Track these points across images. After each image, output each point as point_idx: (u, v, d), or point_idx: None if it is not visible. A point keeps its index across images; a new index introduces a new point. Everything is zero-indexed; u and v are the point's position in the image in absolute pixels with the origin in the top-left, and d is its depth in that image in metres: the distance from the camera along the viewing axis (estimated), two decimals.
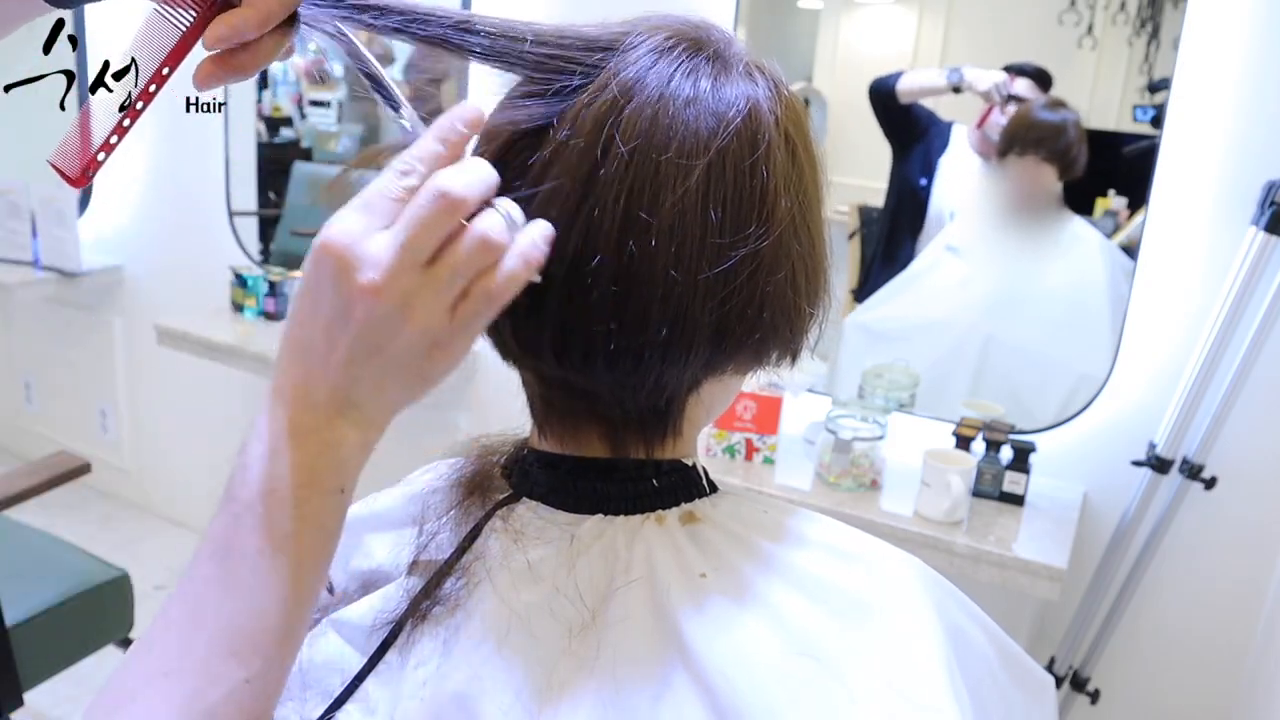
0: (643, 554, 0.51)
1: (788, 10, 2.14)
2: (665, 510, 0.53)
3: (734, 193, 0.47)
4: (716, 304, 0.47)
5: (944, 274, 1.99)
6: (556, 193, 0.46)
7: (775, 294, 0.49)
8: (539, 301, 0.47)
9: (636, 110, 0.46)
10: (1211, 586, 1.72)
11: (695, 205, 0.46)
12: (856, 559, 0.53)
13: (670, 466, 0.54)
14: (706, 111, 0.47)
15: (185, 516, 2.96)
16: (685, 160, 0.46)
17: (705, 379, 0.52)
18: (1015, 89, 1.84)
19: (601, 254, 0.45)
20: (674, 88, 0.47)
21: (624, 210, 0.45)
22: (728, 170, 0.46)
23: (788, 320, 0.50)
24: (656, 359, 0.47)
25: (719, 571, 0.50)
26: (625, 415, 0.52)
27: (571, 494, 0.54)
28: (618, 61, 0.48)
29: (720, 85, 0.48)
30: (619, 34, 0.49)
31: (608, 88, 0.47)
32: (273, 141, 2.76)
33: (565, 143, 0.46)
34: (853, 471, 1.65)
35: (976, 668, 0.54)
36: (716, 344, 0.48)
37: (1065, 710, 1.75)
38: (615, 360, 0.47)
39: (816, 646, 0.47)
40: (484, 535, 0.54)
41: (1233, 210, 1.54)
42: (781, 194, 0.48)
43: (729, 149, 0.46)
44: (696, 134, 0.46)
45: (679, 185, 0.45)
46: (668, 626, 0.48)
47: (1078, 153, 1.80)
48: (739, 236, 0.47)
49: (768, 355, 0.52)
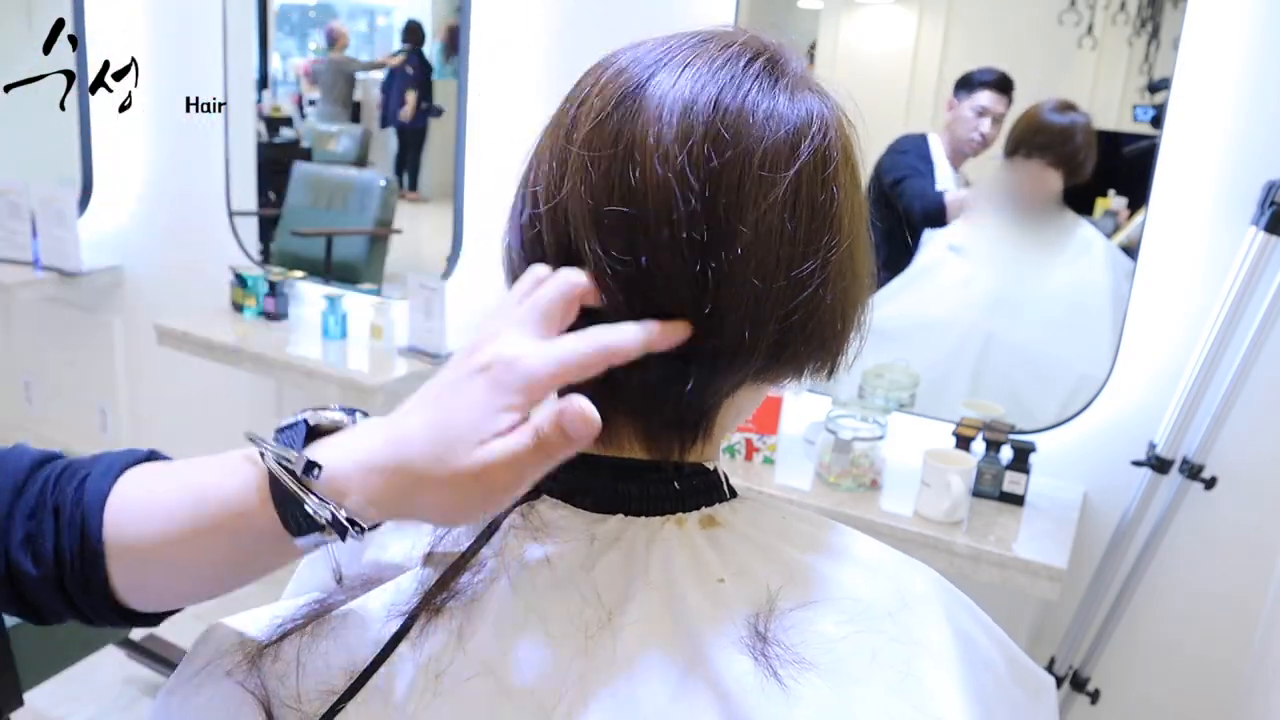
0: (661, 557, 0.51)
1: (788, 10, 2.13)
2: (686, 513, 0.53)
3: (808, 207, 0.48)
4: (784, 314, 0.48)
5: (945, 273, 1.99)
6: (646, 201, 0.47)
7: (833, 307, 0.50)
8: (643, 310, 0.47)
9: (722, 119, 0.47)
10: (1211, 586, 1.72)
11: (777, 217, 0.47)
12: (872, 567, 0.53)
13: (692, 470, 0.54)
14: (785, 123, 0.48)
15: None
16: (770, 173, 0.47)
17: (745, 385, 0.52)
18: (980, 102, 1.85)
19: (698, 265, 0.46)
20: (753, 100, 0.48)
21: (713, 221, 0.46)
22: (804, 185, 0.48)
23: (836, 334, 0.52)
24: (724, 364, 0.49)
25: (737, 577, 0.50)
26: (664, 415, 0.52)
27: (592, 493, 0.54)
28: (689, 76, 0.48)
29: (796, 101, 0.49)
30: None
31: (692, 103, 0.47)
32: (273, 141, 2.76)
33: (650, 156, 0.47)
34: (853, 471, 1.65)
35: (984, 674, 0.54)
36: (775, 353, 0.50)
37: (1065, 710, 1.75)
38: (688, 362, 0.48)
39: (832, 653, 0.47)
40: (502, 531, 0.54)
41: (1233, 210, 1.54)
42: (845, 210, 0.50)
43: (807, 163, 0.48)
44: (778, 145, 0.47)
45: (763, 199, 0.47)
46: (684, 630, 0.49)
47: (1085, 157, 1.79)
48: (810, 248, 0.48)
49: (809, 366, 0.53)
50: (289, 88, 2.79)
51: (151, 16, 2.64)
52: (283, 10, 2.76)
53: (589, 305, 0.47)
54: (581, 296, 0.47)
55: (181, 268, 2.78)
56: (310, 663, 0.53)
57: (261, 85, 2.70)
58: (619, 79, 0.49)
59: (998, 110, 1.84)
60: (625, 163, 0.47)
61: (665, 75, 0.48)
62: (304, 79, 2.79)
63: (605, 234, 0.47)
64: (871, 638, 0.48)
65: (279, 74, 2.76)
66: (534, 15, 2.09)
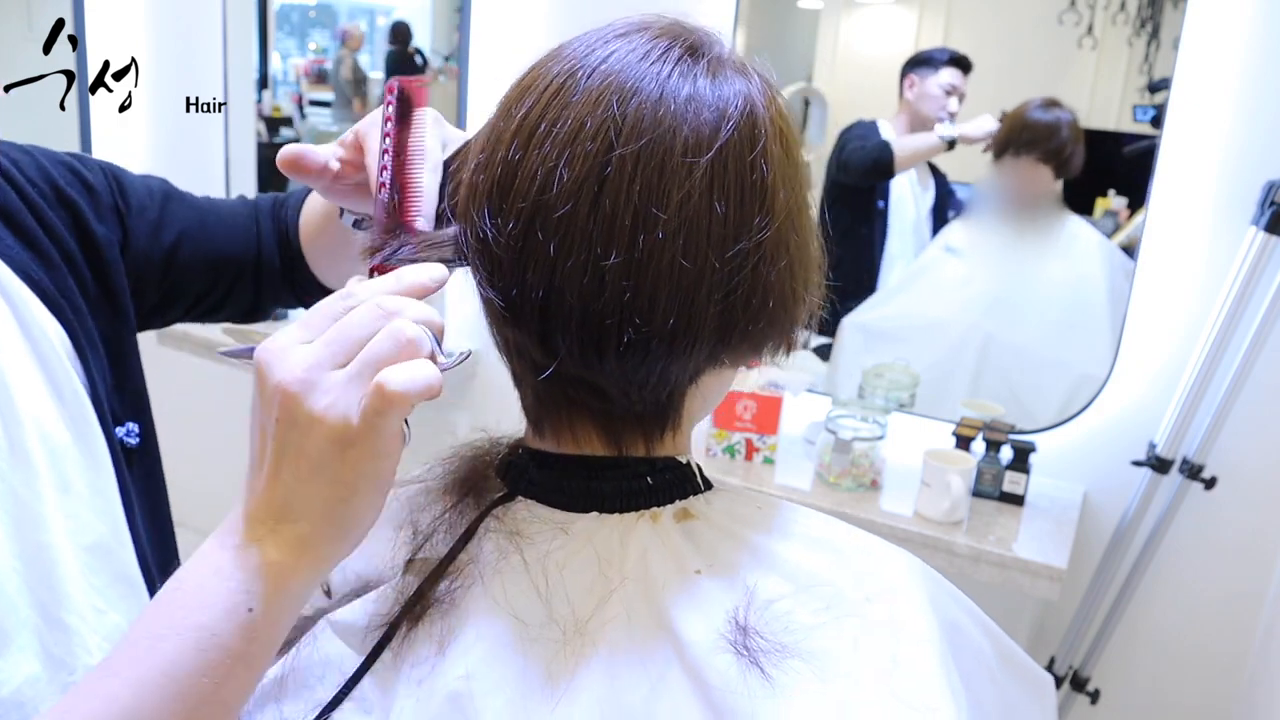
0: (638, 551, 0.51)
1: (788, 10, 2.13)
2: (660, 508, 0.53)
3: (736, 187, 0.48)
4: (721, 295, 0.48)
5: (944, 274, 1.99)
6: (568, 194, 0.47)
7: (776, 283, 0.50)
8: (557, 301, 0.47)
9: (638, 110, 0.47)
10: (1212, 586, 1.72)
11: (701, 200, 0.47)
12: (851, 554, 0.53)
13: (665, 464, 0.54)
14: (707, 108, 0.48)
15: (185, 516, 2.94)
16: (690, 157, 0.47)
17: (705, 370, 0.52)
18: (947, 79, 1.86)
19: (616, 252, 0.46)
20: (672, 86, 0.48)
21: (634, 208, 0.46)
22: (730, 165, 0.48)
23: (786, 309, 0.51)
24: (664, 350, 0.48)
25: (714, 568, 0.50)
26: (625, 410, 0.52)
27: (566, 492, 0.54)
28: (611, 63, 0.48)
29: (718, 83, 0.49)
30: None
31: (606, 89, 0.47)
32: (273, 141, 2.76)
33: (572, 145, 0.47)
34: (853, 471, 1.65)
35: (973, 665, 0.54)
36: (720, 334, 0.49)
37: (1065, 710, 1.74)
38: (625, 353, 0.48)
39: (810, 643, 0.47)
40: (479, 535, 0.54)
41: (1233, 210, 1.54)
42: (780, 187, 0.49)
43: (730, 144, 0.48)
44: (699, 131, 0.47)
45: (685, 181, 0.47)
46: (663, 623, 0.49)
47: (1072, 152, 1.80)
48: (743, 229, 0.48)
49: (766, 345, 0.53)
50: (289, 88, 2.79)
51: (151, 16, 2.64)
52: (283, 10, 2.76)
53: None
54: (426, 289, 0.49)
55: None
56: (296, 673, 0.54)
57: (261, 85, 2.70)
58: (550, 67, 0.50)
59: (962, 88, 1.87)
60: (537, 149, 0.48)
61: (589, 65, 0.49)
62: (304, 79, 2.79)
63: (500, 216, 0.49)
64: (852, 623, 0.48)
65: (279, 74, 2.76)
66: (534, 15, 2.09)
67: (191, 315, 0.90)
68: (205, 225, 0.85)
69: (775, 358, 0.54)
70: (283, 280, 0.88)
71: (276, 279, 0.88)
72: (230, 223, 0.87)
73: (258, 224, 0.87)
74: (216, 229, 0.86)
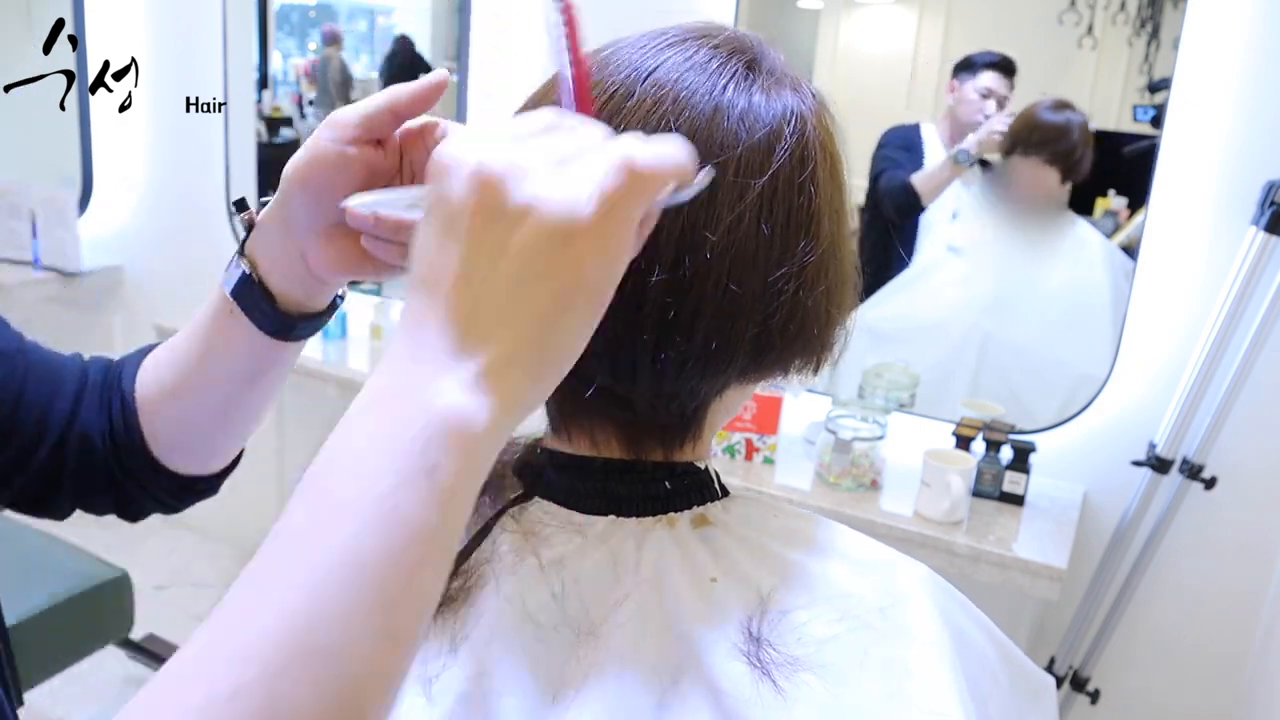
0: (653, 557, 0.51)
1: (788, 10, 2.13)
2: (677, 513, 0.53)
3: (784, 211, 0.47)
4: (760, 319, 0.48)
5: (944, 273, 1.99)
6: None
7: (813, 308, 0.50)
8: None
9: (692, 123, 0.46)
10: (1212, 586, 1.72)
11: (750, 223, 0.46)
12: (865, 565, 0.53)
13: (684, 469, 0.54)
14: (761, 124, 0.47)
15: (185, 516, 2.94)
16: (742, 178, 0.46)
17: (732, 385, 0.52)
18: (984, 83, 1.84)
19: (659, 269, 0.45)
20: (728, 99, 0.47)
21: (681, 227, 0.45)
22: (779, 189, 0.47)
23: (820, 332, 0.51)
24: (698, 370, 0.48)
25: (729, 576, 0.50)
26: (649, 420, 0.52)
27: (584, 495, 0.53)
28: (663, 73, 0.48)
29: (772, 98, 0.48)
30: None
31: (660, 102, 0.47)
32: (273, 141, 2.76)
33: None
34: (853, 471, 1.65)
35: (979, 672, 0.54)
36: (754, 356, 0.49)
37: (1065, 710, 1.74)
38: (661, 371, 0.48)
39: (824, 653, 0.47)
40: (494, 534, 0.54)
41: (1233, 210, 1.54)
42: (825, 212, 0.49)
43: (782, 167, 0.47)
44: (752, 150, 0.47)
45: (737, 204, 0.46)
46: (676, 629, 0.48)
47: (1081, 155, 1.79)
48: (786, 253, 0.47)
49: (794, 364, 0.53)
50: (289, 88, 2.79)
51: (151, 16, 2.64)
52: (283, 10, 2.76)
53: None
54: None
55: (181, 268, 2.77)
56: None
57: (261, 85, 2.70)
58: (601, 76, 0.49)
59: (1002, 92, 1.84)
60: None
61: (642, 73, 0.48)
62: (304, 79, 2.79)
63: None
64: (863, 634, 0.48)
65: (279, 74, 2.76)
66: (534, 14, 2.09)
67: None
68: (24, 354, 0.66)
69: (802, 376, 0.54)
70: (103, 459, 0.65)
71: (92, 453, 0.65)
72: (53, 368, 0.67)
73: (85, 380, 0.67)
74: (36, 368, 0.66)
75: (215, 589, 2.66)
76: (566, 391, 0.52)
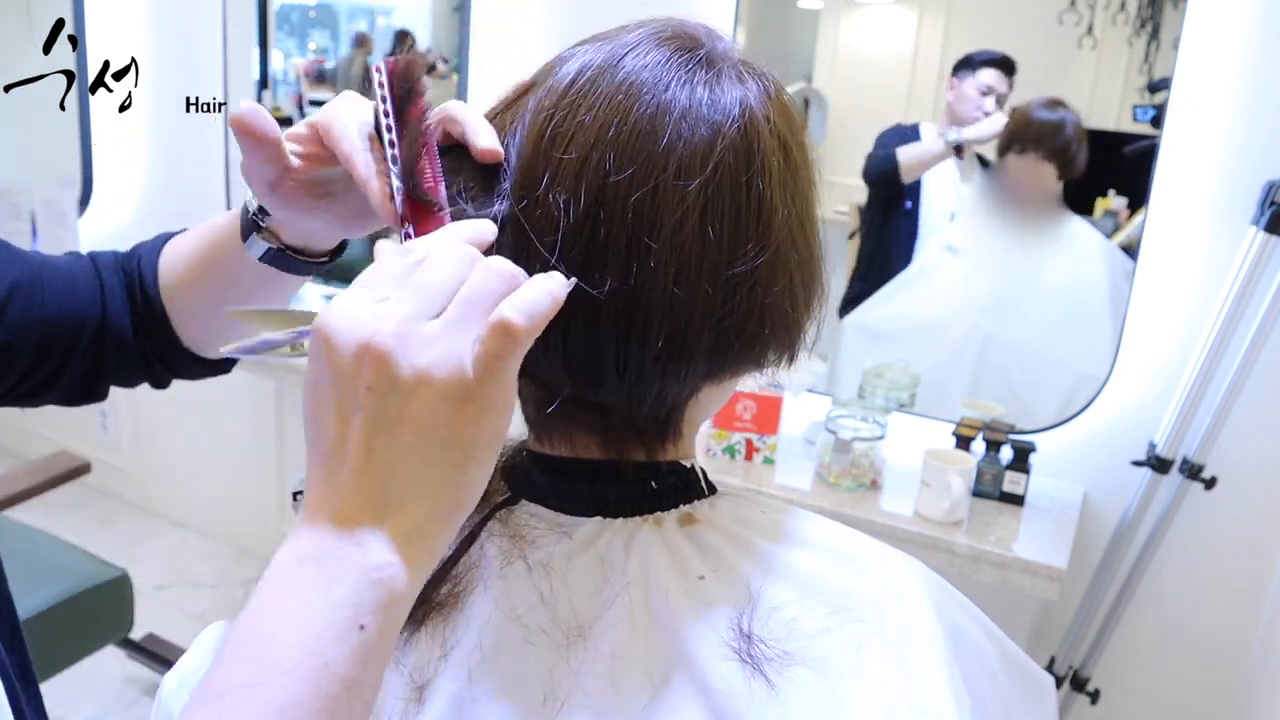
0: (640, 557, 0.51)
1: (788, 10, 2.13)
2: (664, 513, 0.53)
3: (731, 209, 0.46)
4: (715, 320, 0.47)
5: (944, 273, 1.99)
6: (563, 213, 0.46)
7: (773, 305, 0.49)
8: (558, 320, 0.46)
9: (633, 126, 0.46)
10: (1212, 586, 1.72)
11: (693, 224, 0.46)
12: (856, 560, 0.52)
13: (669, 469, 0.54)
14: (702, 122, 0.46)
15: (185, 516, 2.96)
16: (683, 180, 0.45)
17: (703, 386, 0.52)
18: (984, 80, 1.84)
19: (610, 277, 0.45)
20: (669, 98, 0.46)
21: (627, 235, 0.45)
22: (724, 187, 0.46)
23: (785, 329, 0.51)
24: (658, 374, 0.48)
25: (718, 573, 0.50)
26: (625, 422, 0.52)
27: (570, 496, 0.53)
28: (610, 70, 0.47)
29: (715, 93, 0.47)
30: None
31: (597, 99, 0.46)
32: None
33: (563, 161, 0.46)
34: (853, 471, 1.65)
35: (976, 669, 0.54)
36: (715, 357, 0.49)
37: (1065, 710, 1.74)
38: (621, 376, 0.47)
39: (816, 646, 0.47)
40: (482, 538, 0.54)
41: (1233, 210, 1.54)
42: (778, 206, 0.48)
43: (724, 164, 0.46)
44: (693, 150, 0.46)
45: (678, 207, 0.45)
46: (666, 629, 0.48)
47: (1076, 151, 1.80)
48: (736, 254, 0.47)
49: (765, 360, 0.52)
50: (289, 88, 2.79)
51: (151, 16, 2.64)
52: (283, 10, 2.76)
53: None
54: None
55: None
56: None
57: (261, 85, 2.70)
58: (552, 83, 0.49)
59: (1001, 90, 1.85)
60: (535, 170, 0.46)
61: (585, 79, 0.47)
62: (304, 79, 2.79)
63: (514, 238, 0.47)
64: (856, 629, 0.48)
65: (279, 74, 2.76)
66: (534, 16, 2.09)
67: (11, 397, 0.72)
68: (40, 279, 0.71)
69: (776, 370, 0.54)
70: (135, 347, 0.74)
71: (125, 345, 0.73)
72: (67, 277, 0.73)
73: (100, 278, 0.73)
74: (53, 283, 0.71)
75: (215, 589, 2.66)
76: (540, 402, 0.52)
